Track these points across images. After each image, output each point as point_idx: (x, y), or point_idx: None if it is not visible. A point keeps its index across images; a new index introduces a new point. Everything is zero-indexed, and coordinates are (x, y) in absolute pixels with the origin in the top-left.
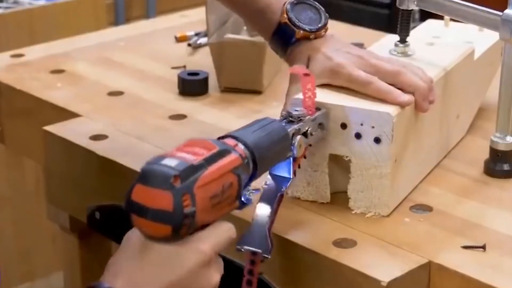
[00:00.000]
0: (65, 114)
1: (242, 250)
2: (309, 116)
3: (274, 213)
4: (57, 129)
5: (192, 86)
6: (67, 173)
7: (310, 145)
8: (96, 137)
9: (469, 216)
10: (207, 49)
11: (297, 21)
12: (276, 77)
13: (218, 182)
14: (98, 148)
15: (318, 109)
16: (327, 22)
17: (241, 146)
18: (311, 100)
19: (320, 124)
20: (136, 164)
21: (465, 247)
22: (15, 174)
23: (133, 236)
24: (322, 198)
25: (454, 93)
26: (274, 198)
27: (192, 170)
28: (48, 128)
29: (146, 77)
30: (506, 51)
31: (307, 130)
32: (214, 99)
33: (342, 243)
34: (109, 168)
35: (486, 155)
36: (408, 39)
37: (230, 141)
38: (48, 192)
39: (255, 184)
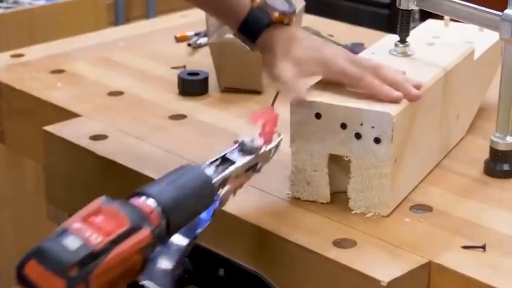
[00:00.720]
0: (65, 114)
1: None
2: (264, 148)
3: (181, 256)
4: (57, 129)
5: (192, 86)
6: (67, 173)
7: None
8: (96, 137)
9: (469, 216)
10: (207, 49)
11: (271, 3)
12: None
13: (119, 266)
14: (98, 148)
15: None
16: (295, 8)
17: (157, 211)
18: (270, 129)
19: (255, 164)
20: (136, 164)
21: (465, 247)
22: (15, 174)
23: None
24: (322, 198)
25: (454, 93)
26: (186, 239)
27: (92, 257)
28: (48, 128)
29: (146, 77)
30: (506, 51)
31: (258, 164)
32: (214, 99)
33: (342, 243)
34: (109, 168)
35: (486, 155)
36: (408, 39)
37: (147, 207)
38: (48, 192)
39: None
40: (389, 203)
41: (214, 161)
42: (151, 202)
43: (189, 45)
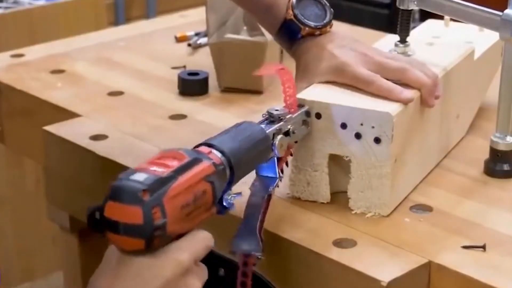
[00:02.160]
0: (65, 114)
1: (235, 252)
2: (290, 115)
3: (263, 213)
4: (57, 129)
5: (192, 86)
6: (67, 173)
7: (296, 142)
8: (96, 137)
9: (469, 216)
10: (207, 49)
11: (302, 17)
12: (276, 77)
13: (188, 191)
14: (98, 148)
15: (301, 105)
16: (332, 18)
17: (215, 153)
18: (292, 98)
19: (304, 121)
20: (136, 164)
21: (465, 247)
22: (15, 174)
23: (111, 252)
24: (322, 198)
25: (454, 93)
26: (262, 198)
27: (161, 183)
28: (48, 128)
29: (146, 77)
30: (506, 51)
31: (289, 129)
32: (214, 99)
33: (342, 243)
34: (109, 168)
35: (486, 155)
36: (408, 39)
37: (204, 149)
38: (48, 192)
39: (245, 186)
40: (389, 203)
41: (264, 119)
42: (208, 147)
43: (189, 45)
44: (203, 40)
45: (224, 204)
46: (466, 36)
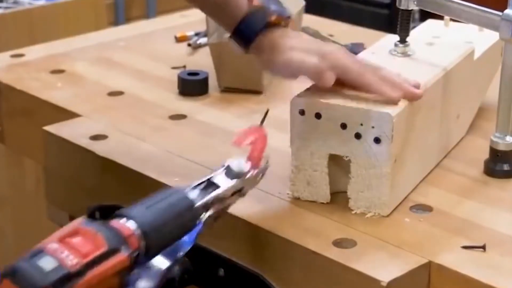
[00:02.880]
0: (65, 114)
1: None
2: (251, 173)
3: (161, 280)
4: (57, 129)
5: (192, 86)
6: (67, 173)
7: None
8: (96, 137)
9: (469, 216)
10: (207, 49)
11: (269, 5)
12: (276, 77)
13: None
14: (98, 148)
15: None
16: (290, 14)
17: (136, 234)
18: (260, 155)
19: (241, 188)
20: (136, 164)
21: (465, 247)
22: (15, 174)
23: None
24: (322, 198)
25: (454, 93)
26: (167, 262)
27: (67, 279)
28: (48, 128)
29: (146, 77)
30: (506, 51)
31: (243, 188)
32: (214, 99)
33: (342, 243)
34: (109, 168)
35: (486, 155)
36: (408, 39)
37: (126, 229)
38: (48, 192)
39: None
40: (389, 203)
41: (199, 184)
42: (131, 225)
43: (189, 45)
44: (203, 40)
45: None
46: (466, 36)
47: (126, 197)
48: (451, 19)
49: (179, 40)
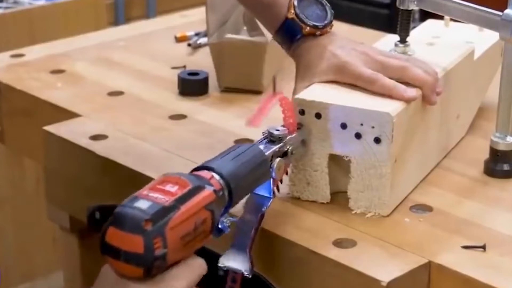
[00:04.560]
0: (65, 114)
1: (224, 268)
2: (290, 136)
3: (254, 232)
4: (57, 129)
5: (192, 86)
6: (67, 173)
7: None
8: (96, 137)
9: (469, 216)
10: (207, 49)
11: (304, 17)
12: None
13: (190, 221)
14: (98, 148)
15: (300, 125)
16: (332, 18)
17: (216, 178)
18: (291, 119)
19: (302, 141)
20: (136, 164)
21: (465, 247)
22: (15, 174)
23: (109, 272)
24: (322, 198)
25: (454, 93)
26: (255, 217)
27: (163, 212)
28: (48, 128)
29: (146, 77)
30: (506, 51)
31: (288, 149)
32: (214, 99)
33: (342, 243)
34: (109, 168)
35: (486, 155)
36: (408, 39)
37: (205, 174)
38: (48, 192)
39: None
40: (389, 203)
41: (263, 139)
42: (209, 171)
43: (189, 45)
44: (203, 40)
45: (220, 227)
46: (466, 36)
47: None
48: (451, 19)
49: (179, 40)
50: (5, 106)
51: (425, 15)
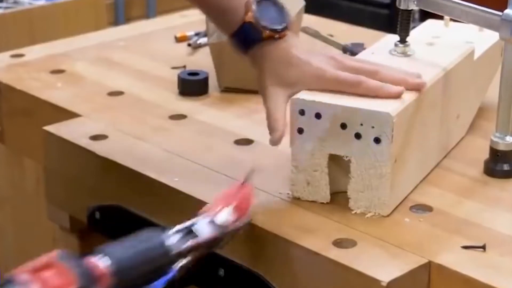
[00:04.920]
0: (65, 114)
1: None
2: (234, 225)
3: None
4: (57, 129)
5: (192, 86)
6: (67, 173)
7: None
8: (96, 137)
9: (469, 216)
10: (207, 49)
11: (263, 20)
12: None
13: None
14: (98, 148)
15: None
16: (290, 20)
17: (108, 274)
18: (245, 208)
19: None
20: (136, 164)
21: (465, 247)
22: (15, 174)
23: None
24: (322, 198)
25: (454, 93)
26: None
27: None
28: (48, 128)
29: (146, 77)
30: (506, 51)
31: (221, 240)
32: (214, 99)
33: (342, 243)
34: (109, 168)
35: (486, 155)
36: (408, 39)
37: (99, 269)
38: (48, 192)
39: None
40: (389, 203)
41: (180, 230)
42: (105, 262)
43: (189, 45)
44: (203, 40)
45: None
46: (466, 36)
47: (126, 197)
48: (451, 19)
49: (179, 40)
50: (5, 106)
51: (425, 15)
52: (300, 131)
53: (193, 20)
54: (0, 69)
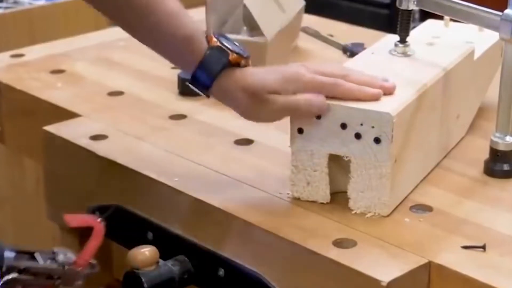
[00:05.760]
0: (65, 114)
1: None
2: (71, 268)
3: None
4: (57, 129)
5: None
6: (67, 173)
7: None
8: (96, 137)
9: (469, 216)
10: None
11: (227, 44)
12: None
13: None
14: (98, 148)
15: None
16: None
17: None
18: (89, 255)
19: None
20: (136, 164)
21: (465, 247)
22: (15, 174)
23: None
24: (322, 198)
25: (454, 93)
26: None
27: None
28: (48, 128)
29: (146, 77)
30: (506, 51)
31: (58, 279)
32: (214, 99)
33: (342, 243)
34: (109, 168)
35: (486, 155)
36: (408, 39)
37: None
38: (48, 192)
39: None
40: (389, 203)
41: (23, 251)
42: None
43: None
44: None
45: None
46: (466, 36)
47: (126, 197)
48: (451, 19)
49: None
50: (5, 106)
51: (425, 15)
52: (300, 131)
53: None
54: (0, 69)
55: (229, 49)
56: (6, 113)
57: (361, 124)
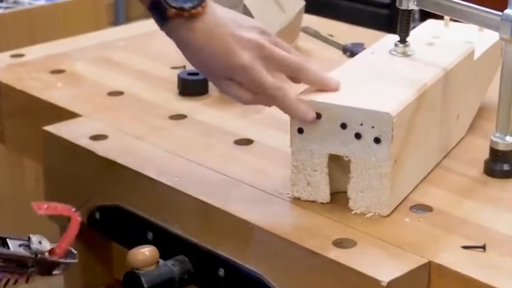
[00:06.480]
0: (65, 114)
1: None
2: (45, 257)
3: None
4: (57, 129)
5: (192, 86)
6: (67, 173)
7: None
8: (96, 137)
9: (469, 216)
10: None
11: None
12: (278, 75)
13: None
14: (98, 148)
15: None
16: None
17: None
18: (65, 244)
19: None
20: (136, 164)
21: (465, 247)
22: (15, 174)
23: None
24: (322, 198)
25: (454, 93)
26: None
27: None
28: (48, 128)
29: (146, 77)
30: (506, 51)
31: (30, 268)
32: (214, 99)
33: (342, 243)
34: (109, 168)
35: (486, 155)
36: (408, 39)
37: None
38: (48, 192)
39: None
40: (389, 203)
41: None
42: None
43: None
44: None
45: None
46: (466, 36)
47: (126, 197)
48: (451, 19)
49: None
50: (5, 106)
51: (425, 15)
52: (300, 131)
53: None
54: (0, 69)
55: (167, 3)
56: (6, 113)
57: (361, 124)
